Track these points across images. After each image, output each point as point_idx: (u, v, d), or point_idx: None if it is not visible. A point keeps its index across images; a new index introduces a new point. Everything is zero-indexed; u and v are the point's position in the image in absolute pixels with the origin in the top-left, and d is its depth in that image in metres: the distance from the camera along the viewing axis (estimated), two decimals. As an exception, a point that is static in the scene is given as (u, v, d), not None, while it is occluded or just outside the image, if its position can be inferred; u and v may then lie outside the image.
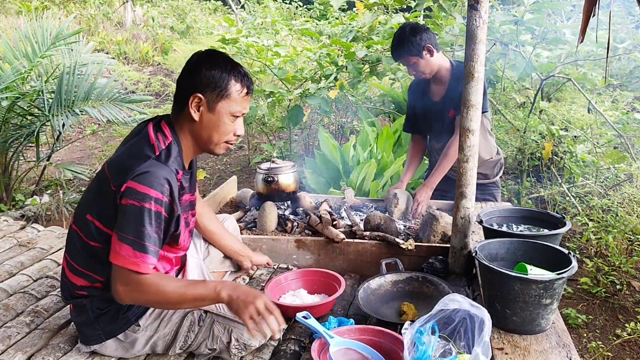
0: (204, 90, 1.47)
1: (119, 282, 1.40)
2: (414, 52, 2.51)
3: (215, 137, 1.53)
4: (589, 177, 4.14)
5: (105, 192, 1.44)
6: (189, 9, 12.22)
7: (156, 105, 7.82)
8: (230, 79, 1.48)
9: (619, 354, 2.67)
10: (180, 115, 1.53)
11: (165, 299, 1.43)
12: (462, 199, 1.94)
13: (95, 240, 1.49)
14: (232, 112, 1.51)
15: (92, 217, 1.48)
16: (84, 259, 1.52)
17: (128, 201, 1.38)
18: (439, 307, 1.46)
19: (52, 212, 4.02)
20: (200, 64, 1.48)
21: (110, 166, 1.48)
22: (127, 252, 1.38)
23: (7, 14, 9.60)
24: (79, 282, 1.54)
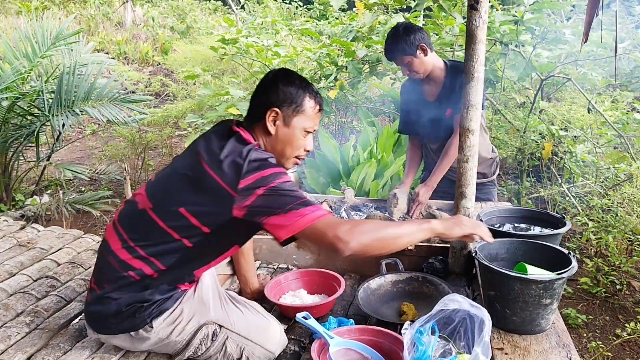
0: (281, 105, 1.53)
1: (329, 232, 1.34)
2: (408, 51, 2.48)
3: (288, 151, 1.58)
4: (589, 177, 4.14)
5: (212, 191, 1.41)
6: (189, 9, 12.22)
7: (156, 105, 7.82)
8: (305, 95, 1.56)
9: (619, 354, 2.67)
10: (255, 128, 1.57)
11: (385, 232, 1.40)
12: (462, 199, 1.94)
13: (185, 236, 1.45)
14: (305, 127, 1.57)
15: (187, 213, 1.44)
16: (156, 246, 1.47)
17: (260, 189, 1.37)
18: (439, 307, 1.46)
19: (52, 212, 4.02)
20: (277, 80, 1.55)
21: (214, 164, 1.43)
22: (303, 212, 1.36)
23: (7, 14, 9.60)
24: (137, 265, 1.48)
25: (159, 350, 1.60)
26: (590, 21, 1.47)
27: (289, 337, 1.70)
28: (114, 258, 1.51)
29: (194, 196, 1.44)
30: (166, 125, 6.40)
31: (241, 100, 4.18)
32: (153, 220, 1.48)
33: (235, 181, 1.38)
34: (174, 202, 1.46)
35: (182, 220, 1.45)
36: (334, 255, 1.39)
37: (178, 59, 9.14)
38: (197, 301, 1.58)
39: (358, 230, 1.36)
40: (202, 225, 1.45)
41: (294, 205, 1.37)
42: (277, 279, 1.99)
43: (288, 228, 1.36)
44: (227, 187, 1.39)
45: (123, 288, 1.50)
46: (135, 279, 1.49)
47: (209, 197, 1.42)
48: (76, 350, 1.61)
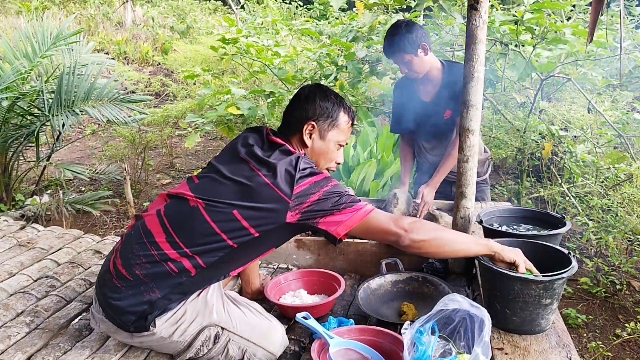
0: (318, 119, 1.63)
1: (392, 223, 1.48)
2: (409, 49, 2.44)
3: (322, 163, 1.68)
4: (589, 177, 4.13)
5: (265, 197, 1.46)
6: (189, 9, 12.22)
7: (156, 105, 7.82)
8: (340, 110, 1.66)
9: (619, 354, 2.67)
10: (291, 139, 1.65)
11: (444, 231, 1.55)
12: (462, 199, 1.94)
13: (233, 238, 1.47)
14: (339, 141, 1.67)
15: (240, 216, 1.47)
16: (202, 245, 1.48)
17: (315, 195, 1.46)
18: (439, 307, 1.46)
19: (52, 212, 4.02)
20: (314, 95, 1.64)
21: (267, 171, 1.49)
22: (358, 207, 1.48)
23: (7, 14, 9.60)
24: (178, 258, 1.48)
25: (160, 349, 1.60)
26: (595, 21, 1.46)
27: (289, 337, 1.70)
28: (154, 248, 1.50)
29: (248, 202, 1.48)
30: (166, 125, 6.40)
31: (242, 99, 4.18)
32: (203, 218, 1.48)
33: (290, 188, 1.46)
34: (227, 204, 1.48)
35: (234, 222, 1.47)
36: (393, 243, 1.48)
37: (178, 59, 9.14)
38: (201, 302, 1.57)
39: (421, 225, 1.49)
40: (252, 229, 1.47)
41: (347, 203, 1.47)
42: (277, 279, 1.99)
43: (345, 224, 1.46)
44: (282, 194, 1.45)
45: (156, 279, 1.48)
46: (172, 272, 1.48)
47: (263, 204, 1.47)
48: (76, 350, 1.61)
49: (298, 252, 2.26)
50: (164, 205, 1.58)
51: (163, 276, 1.49)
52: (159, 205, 1.59)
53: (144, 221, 1.58)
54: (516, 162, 4.51)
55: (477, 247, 1.57)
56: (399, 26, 2.47)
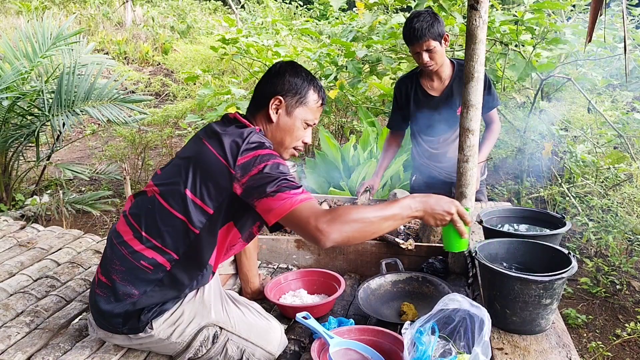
0: (285, 95, 1.57)
1: (311, 222, 1.31)
2: (436, 36, 2.39)
3: (287, 140, 1.61)
4: (589, 177, 4.13)
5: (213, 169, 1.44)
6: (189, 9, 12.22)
7: (156, 105, 7.82)
8: (310, 88, 1.60)
9: (619, 354, 2.67)
10: (257, 116, 1.60)
11: (365, 221, 1.34)
12: (462, 199, 1.94)
13: (191, 219, 1.46)
14: (306, 119, 1.61)
15: (191, 194, 1.46)
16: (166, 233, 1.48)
17: (255, 169, 1.39)
18: (439, 307, 1.46)
19: (52, 212, 4.02)
20: (284, 71, 1.59)
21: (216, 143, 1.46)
22: (287, 195, 1.35)
23: (7, 14, 9.60)
24: (150, 254, 1.48)
25: (159, 350, 1.60)
26: (595, 20, 1.46)
27: (289, 337, 1.70)
28: (125, 248, 1.51)
29: (197, 177, 1.46)
30: (166, 125, 6.40)
31: (242, 99, 4.18)
32: (161, 205, 1.49)
33: (234, 159, 1.41)
34: (178, 185, 1.48)
35: (187, 202, 1.46)
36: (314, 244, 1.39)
37: (178, 59, 9.14)
38: (199, 302, 1.57)
39: (340, 221, 1.31)
40: (205, 206, 1.46)
41: (283, 186, 1.37)
42: (277, 279, 1.99)
43: (274, 212, 1.36)
44: (227, 163, 1.42)
45: (133, 281, 1.49)
46: (147, 269, 1.48)
47: (210, 175, 1.44)
48: (76, 350, 1.61)
49: (298, 252, 2.26)
50: (130, 206, 1.59)
51: (139, 275, 1.49)
52: (127, 207, 1.60)
53: (114, 226, 1.60)
54: (516, 162, 4.51)
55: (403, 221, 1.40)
56: (425, 13, 2.42)
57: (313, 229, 1.31)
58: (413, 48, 2.49)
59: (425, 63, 2.50)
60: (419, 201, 1.40)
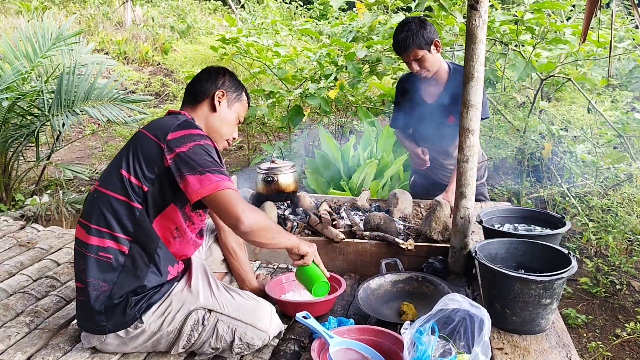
0: (227, 90, 1.77)
1: (235, 207, 1.48)
2: (423, 45, 2.38)
3: (225, 130, 1.78)
4: (588, 177, 4.13)
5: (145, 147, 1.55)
6: (189, 9, 12.22)
7: (156, 105, 7.82)
8: (243, 90, 1.84)
9: (619, 354, 2.67)
10: (197, 107, 1.74)
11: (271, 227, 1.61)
12: (462, 199, 1.94)
13: (130, 197, 1.54)
14: (240, 114, 1.82)
15: (126, 172, 1.55)
16: (112, 217, 1.55)
17: (185, 146, 1.51)
18: (439, 307, 1.46)
19: (51, 212, 4.02)
20: (224, 72, 1.80)
21: (150, 128, 1.60)
22: (212, 178, 1.48)
23: (7, 14, 9.60)
24: (104, 244, 1.54)
25: (154, 347, 1.61)
26: (589, 20, 1.47)
27: (289, 336, 1.70)
28: (82, 247, 1.57)
29: (132, 157, 1.56)
30: (166, 125, 6.38)
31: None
32: (102, 194, 1.57)
33: (165, 135, 1.53)
34: (115, 170, 1.58)
35: (124, 181, 1.54)
36: (232, 227, 1.52)
37: (178, 59, 9.13)
38: (186, 292, 1.62)
39: (257, 214, 1.54)
40: (140, 183, 1.54)
41: (210, 169, 1.50)
42: (279, 278, 1.99)
43: (199, 191, 1.47)
44: (157, 140, 1.54)
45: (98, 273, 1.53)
46: (108, 259, 1.54)
47: (143, 153, 1.55)
48: (76, 350, 1.61)
49: (298, 252, 2.26)
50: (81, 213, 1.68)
51: (102, 267, 1.54)
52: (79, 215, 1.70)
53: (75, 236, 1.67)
54: (516, 162, 4.50)
55: (288, 243, 1.66)
56: (411, 22, 2.41)
57: (235, 213, 1.47)
58: (402, 58, 2.51)
59: (417, 72, 2.49)
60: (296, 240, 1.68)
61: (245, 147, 6.15)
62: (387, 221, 2.29)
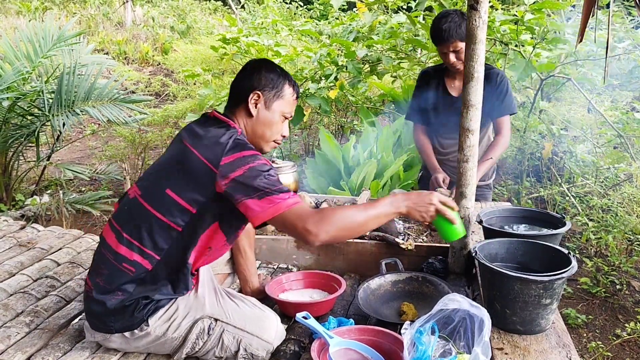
0: (263, 89, 1.62)
1: (299, 224, 1.41)
2: (463, 37, 2.28)
3: (268, 134, 1.66)
4: (588, 177, 4.13)
5: (196, 170, 1.47)
6: (189, 9, 12.22)
7: (156, 105, 7.82)
8: (285, 82, 1.66)
9: (619, 354, 2.67)
10: (236, 112, 1.64)
11: (352, 220, 1.44)
12: (462, 199, 1.94)
13: (173, 219, 1.49)
14: (284, 112, 1.66)
15: (173, 193, 1.49)
16: (148, 234, 1.50)
17: (240, 170, 1.44)
18: (439, 307, 1.46)
19: (52, 212, 4.02)
20: (260, 67, 1.65)
21: (199, 146, 1.50)
22: (273, 200, 1.42)
23: (7, 14, 9.60)
24: (131, 257, 1.51)
25: (157, 350, 1.60)
26: (586, 20, 1.47)
27: (289, 337, 1.70)
28: (109, 251, 1.54)
29: (179, 176, 1.50)
30: (166, 125, 6.40)
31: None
32: (142, 207, 1.52)
33: (218, 159, 1.45)
34: (160, 185, 1.51)
35: (169, 201, 1.49)
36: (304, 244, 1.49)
37: (178, 59, 9.13)
38: (192, 298, 1.59)
39: (326, 222, 1.41)
40: (188, 205, 1.49)
41: (269, 190, 1.43)
42: (279, 278, 1.99)
43: (261, 215, 1.42)
44: (209, 163, 1.46)
45: (116, 282, 1.52)
46: (130, 272, 1.51)
47: (192, 175, 1.48)
48: (76, 350, 1.61)
49: (298, 252, 2.26)
50: (115, 211, 1.63)
51: (122, 278, 1.52)
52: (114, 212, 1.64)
53: (101, 232, 1.63)
54: (516, 162, 4.51)
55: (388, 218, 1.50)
56: (454, 13, 2.40)
57: (302, 230, 1.41)
58: (440, 48, 2.48)
59: (452, 63, 2.48)
60: (402, 199, 1.50)
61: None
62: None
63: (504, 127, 2.62)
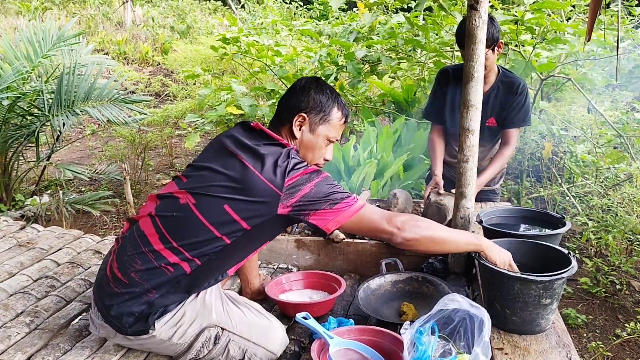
0: (310, 112, 1.59)
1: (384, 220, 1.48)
2: (490, 43, 2.30)
3: (309, 157, 1.64)
4: (588, 177, 4.13)
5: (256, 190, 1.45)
6: (189, 9, 12.23)
7: (156, 105, 7.83)
8: (334, 106, 1.62)
9: (619, 354, 2.67)
10: (281, 130, 1.62)
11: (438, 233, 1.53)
12: (462, 199, 1.94)
13: (226, 233, 1.46)
14: (329, 136, 1.63)
15: (231, 210, 1.45)
16: (195, 243, 1.47)
17: (306, 188, 1.45)
18: (439, 307, 1.46)
19: (51, 212, 4.02)
20: (309, 87, 1.60)
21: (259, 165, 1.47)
22: (348, 202, 1.47)
23: (7, 14, 9.60)
24: (173, 259, 1.47)
25: (160, 351, 1.60)
26: (594, 20, 1.46)
27: (289, 337, 1.70)
28: (149, 250, 1.49)
29: (239, 195, 1.46)
30: (166, 125, 6.41)
31: (243, 96, 4.18)
32: (195, 216, 1.47)
33: (281, 180, 1.44)
34: (217, 199, 1.47)
35: (226, 217, 1.46)
36: (386, 240, 1.50)
37: (178, 59, 9.14)
38: (200, 304, 1.57)
39: (414, 224, 1.49)
40: (244, 222, 1.46)
41: (338, 198, 1.46)
42: (279, 278, 1.99)
43: (335, 220, 1.46)
44: (273, 186, 1.44)
45: (152, 280, 1.47)
46: (168, 272, 1.47)
47: (254, 197, 1.45)
48: (76, 350, 1.61)
49: (298, 252, 2.26)
50: (155, 207, 1.56)
51: (159, 277, 1.48)
52: (151, 207, 1.58)
53: (138, 224, 1.57)
54: (516, 162, 4.51)
55: (467, 247, 1.60)
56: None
57: (388, 225, 1.48)
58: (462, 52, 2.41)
59: None
60: (486, 239, 1.60)
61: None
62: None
63: (512, 138, 2.59)
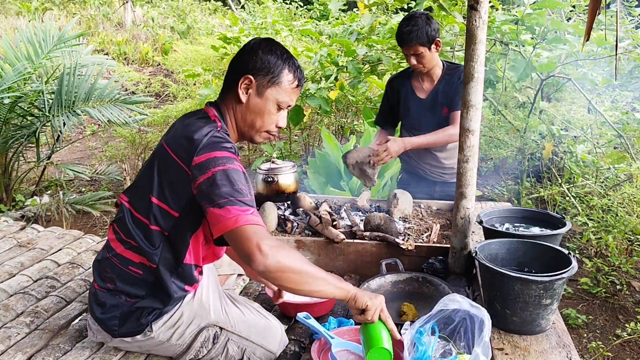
0: (257, 74, 1.46)
1: (254, 239, 1.25)
2: (425, 42, 2.45)
3: (258, 123, 1.52)
4: (589, 177, 4.13)
5: (172, 171, 1.40)
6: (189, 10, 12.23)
7: (156, 105, 7.83)
8: (284, 68, 1.48)
9: (619, 354, 2.67)
10: (227, 96, 1.52)
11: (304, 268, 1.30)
12: (462, 199, 1.94)
13: (159, 225, 1.43)
14: (279, 101, 1.50)
15: (156, 199, 1.42)
16: (141, 237, 1.46)
17: (208, 172, 1.32)
18: (439, 308, 1.46)
19: (52, 212, 4.02)
20: (257, 48, 1.48)
21: (173, 144, 1.43)
22: (236, 211, 1.27)
23: (7, 15, 9.60)
24: (136, 259, 1.47)
25: (159, 352, 1.60)
26: (593, 20, 1.46)
27: (289, 337, 1.70)
28: (113, 255, 1.52)
29: (161, 181, 1.43)
30: (166, 125, 6.40)
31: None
32: (130, 212, 1.49)
33: (190, 159, 1.36)
34: (143, 191, 1.46)
35: (152, 208, 1.43)
36: (248, 264, 1.28)
37: (178, 59, 9.14)
38: (197, 304, 1.57)
39: (282, 252, 1.27)
40: (170, 210, 1.43)
41: (232, 199, 1.29)
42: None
43: (219, 226, 1.29)
44: (184, 165, 1.37)
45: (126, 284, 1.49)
46: (137, 274, 1.48)
47: (170, 178, 1.41)
48: (76, 350, 1.61)
49: (297, 252, 2.26)
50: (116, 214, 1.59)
51: (130, 280, 1.49)
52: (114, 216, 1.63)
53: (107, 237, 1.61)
54: (516, 162, 4.51)
55: (336, 291, 1.36)
56: (419, 17, 2.46)
57: (254, 247, 1.24)
58: (403, 50, 2.58)
59: (414, 66, 2.58)
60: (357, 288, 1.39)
61: (245, 148, 6.15)
62: (387, 221, 2.29)
63: (457, 119, 2.60)
